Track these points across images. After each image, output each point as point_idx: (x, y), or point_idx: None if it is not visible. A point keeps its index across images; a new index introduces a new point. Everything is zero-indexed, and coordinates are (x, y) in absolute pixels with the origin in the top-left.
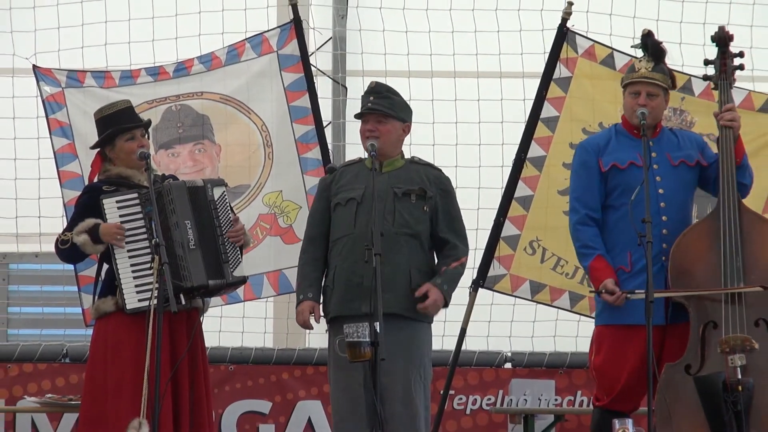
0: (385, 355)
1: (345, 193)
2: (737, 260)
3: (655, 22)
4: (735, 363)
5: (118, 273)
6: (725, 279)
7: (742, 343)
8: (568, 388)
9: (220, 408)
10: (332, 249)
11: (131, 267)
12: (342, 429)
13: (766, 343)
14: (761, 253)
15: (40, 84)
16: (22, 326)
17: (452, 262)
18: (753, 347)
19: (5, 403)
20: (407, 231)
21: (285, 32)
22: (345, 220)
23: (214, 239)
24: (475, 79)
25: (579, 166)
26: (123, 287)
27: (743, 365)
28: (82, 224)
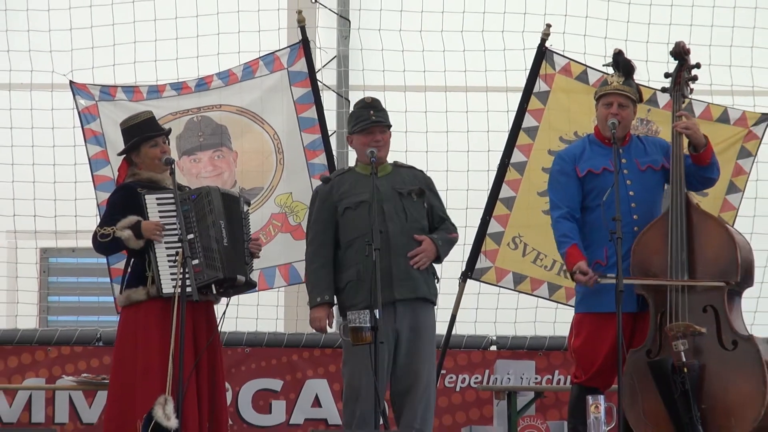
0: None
1: (351, 197)
2: (682, 254)
3: (624, 42)
4: (678, 348)
5: (156, 263)
6: (671, 271)
7: (685, 329)
8: (546, 368)
9: (237, 386)
10: (348, 249)
11: (167, 258)
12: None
13: (713, 327)
14: (706, 247)
15: (76, 98)
16: (60, 313)
17: (447, 234)
18: (700, 332)
19: (46, 381)
20: (418, 226)
21: (294, 51)
22: (359, 222)
23: (241, 242)
24: (464, 93)
25: (558, 173)
26: (160, 275)
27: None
28: (124, 221)
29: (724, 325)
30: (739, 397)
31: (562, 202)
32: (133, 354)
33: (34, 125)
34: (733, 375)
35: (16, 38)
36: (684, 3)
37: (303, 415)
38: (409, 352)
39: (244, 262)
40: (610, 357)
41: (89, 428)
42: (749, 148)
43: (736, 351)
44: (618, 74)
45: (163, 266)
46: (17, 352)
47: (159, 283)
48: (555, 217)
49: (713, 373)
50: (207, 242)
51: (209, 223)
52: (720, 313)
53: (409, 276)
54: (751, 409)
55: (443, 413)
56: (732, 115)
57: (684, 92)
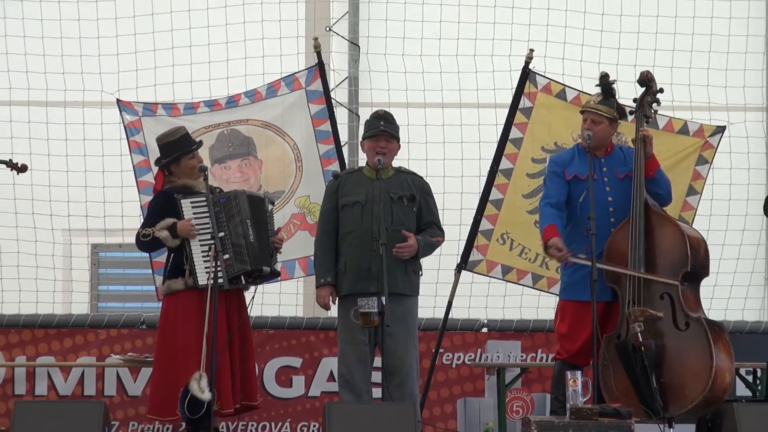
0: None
1: (350, 196)
2: (640, 250)
3: (597, 64)
4: (635, 329)
5: (192, 258)
6: (631, 265)
7: (641, 314)
8: (531, 347)
9: (262, 363)
10: (342, 241)
11: (201, 253)
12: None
13: (669, 311)
14: (661, 244)
15: (122, 113)
16: (109, 300)
17: (431, 237)
18: (658, 316)
19: (96, 359)
20: (403, 228)
21: (311, 73)
22: (352, 219)
23: (266, 238)
24: (458, 109)
25: (551, 173)
26: (195, 269)
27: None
28: (162, 223)
29: (678, 310)
30: (691, 372)
31: (552, 195)
32: (173, 336)
33: (86, 137)
34: (685, 352)
35: (70, 62)
36: (649, 30)
37: (319, 389)
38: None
39: (269, 255)
40: (589, 339)
41: (134, 400)
42: (706, 156)
43: (689, 331)
44: (598, 94)
45: (198, 261)
46: (71, 334)
47: (195, 275)
48: (542, 204)
49: (670, 351)
50: (236, 239)
51: (237, 222)
52: (675, 300)
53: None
54: (700, 380)
55: (441, 387)
56: (691, 128)
57: (647, 113)
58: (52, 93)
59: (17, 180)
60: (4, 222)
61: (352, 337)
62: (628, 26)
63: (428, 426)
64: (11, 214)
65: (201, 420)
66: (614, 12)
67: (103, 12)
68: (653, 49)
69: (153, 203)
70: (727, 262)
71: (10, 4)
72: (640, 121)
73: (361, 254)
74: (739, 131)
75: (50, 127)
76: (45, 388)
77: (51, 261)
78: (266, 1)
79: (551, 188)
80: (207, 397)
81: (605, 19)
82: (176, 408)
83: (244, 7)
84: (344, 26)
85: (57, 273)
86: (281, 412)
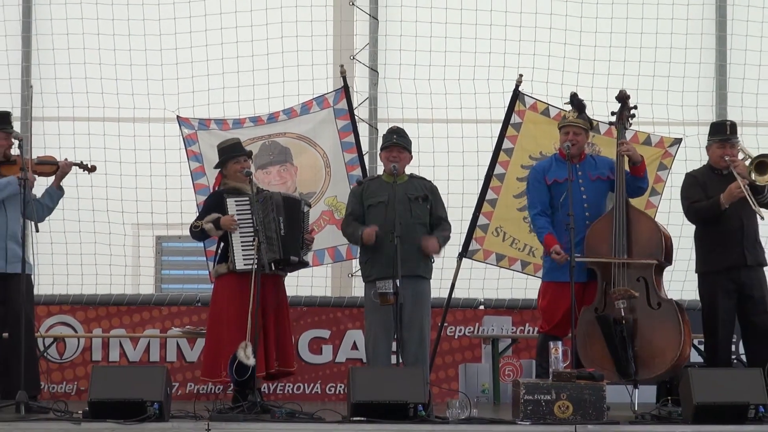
0: (403, 300)
1: (374, 198)
2: (623, 238)
3: (575, 86)
4: (620, 306)
5: (233, 248)
6: (615, 251)
7: (624, 293)
8: (520, 321)
9: (297, 335)
10: None
11: (240, 243)
12: (377, 344)
13: (644, 292)
14: (640, 234)
15: (181, 127)
16: (170, 283)
17: (443, 232)
18: (634, 295)
19: (159, 331)
20: (419, 221)
21: (338, 94)
22: (377, 216)
23: (298, 232)
24: (460, 124)
25: (533, 180)
26: (234, 256)
27: (626, 307)
28: (209, 217)
29: (652, 291)
30: (662, 343)
31: (537, 202)
32: (220, 312)
33: (151, 147)
34: (657, 327)
35: (138, 85)
36: (618, 58)
37: (345, 356)
38: (410, 311)
39: (299, 247)
40: (567, 314)
41: (191, 365)
42: (665, 163)
43: (660, 310)
44: (573, 111)
45: (237, 249)
46: (139, 311)
47: (233, 261)
48: (533, 215)
49: (643, 326)
50: (269, 232)
51: (271, 219)
52: (649, 282)
53: (407, 258)
54: (670, 351)
55: (445, 354)
56: (653, 140)
57: (625, 125)
58: (123, 111)
59: (94, 183)
60: (84, 218)
61: (377, 313)
62: (601, 55)
63: (435, 386)
64: (89, 211)
65: (246, 382)
66: (589, 43)
67: (166, 44)
68: (622, 74)
69: (206, 201)
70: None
71: (89, 38)
72: (620, 131)
73: (384, 245)
74: (693, 143)
75: (121, 139)
76: (117, 355)
77: (122, 250)
78: (301, 35)
79: (535, 196)
80: (251, 362)
81: (582, 49)
82: (225, 371)
83: (282, 40)
84: (365, 55)
85: (127, 260)
86: (313, 375)
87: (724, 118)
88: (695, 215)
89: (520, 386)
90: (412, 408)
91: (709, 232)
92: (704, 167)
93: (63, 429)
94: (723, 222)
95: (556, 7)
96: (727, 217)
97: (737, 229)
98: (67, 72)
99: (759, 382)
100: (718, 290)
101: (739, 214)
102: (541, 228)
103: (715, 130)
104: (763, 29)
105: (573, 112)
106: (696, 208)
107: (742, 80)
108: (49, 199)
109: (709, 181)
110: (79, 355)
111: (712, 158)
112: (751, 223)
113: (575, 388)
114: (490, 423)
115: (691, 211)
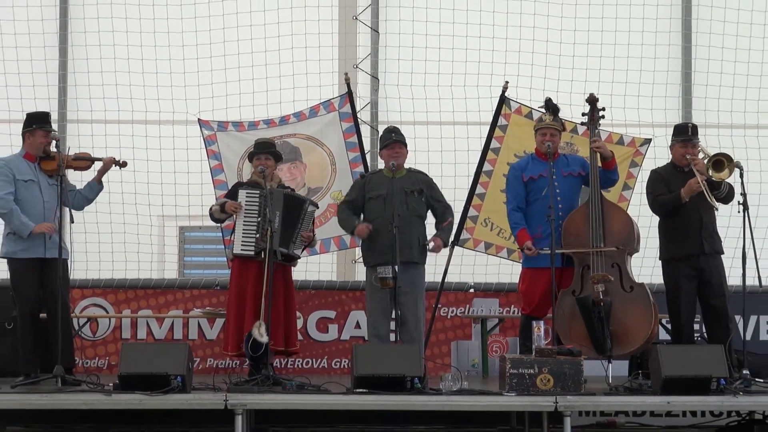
0: (401, 284)
1: (374, 191)
2: (599, 229)
3: (555, 93)
4: (599, 289)
5: (235, 234)
6: (592, 240)
7: (602, 278)
8: (506, 303)
9: (306, 315)
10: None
11: (242, 232)
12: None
13: (618, 277)
14: (613, 225)
15: (202, 129)
16: (192, 268)
17: (444, 222)
18: (610, 280)
19: (182, 312)
20: (415, 214)
21: (342, 99)
22: (377, 208)
23: (292, 228)
24: (452, 126)
25: (512, 178)
26: (234, 242)
27: (603, 290)
28: (218, 201)
29: (625, 276)
30: (635, 322)
31: (514, 198)
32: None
33: (175, 147)
34: (630, 308)
35: (163, 91)
36: (594, 67)
37: (349, 334)
38: (407, 293)
39: (290, 242)
40: (544, 296)
41: (210, 342)
42: (637, 161)
43: (633, 292)
44: (549, 114)
45: (237, 236)
46: (164, 293)
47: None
48: (509, 209)
49: (618, 307)
50: (265, 224)
51: (268, 213)
52: (622, 268)
53: (403, 246)
54: (642, 330)
55: (439, 332)
56: (626, 140)
57: (595, 125)
58: (150, 114)
59: (124, 179)
60: (115, 210)
61: (377, 296)
62: (579, 64)
63: (429, 362)
64: (120, 204)
65: (260, 358)
66: (568, 53)
67: (188, 54)
68: (597, 81)
69: (230, 190)
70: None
71: (119, 49)
72: (592, 130)
73: (383, 234)
74: (661, 142)
75: (148, 139)
76: (144, 333)
77: (149, 239)
78: (309, 46)
79: (513, 193)
80: (265, 340)
81: (561, 59)
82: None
83: (292, 50)
84: (367, 64)
85: (153, 248)
86: (320, 352)
87: (689, 121)
88: (659, 208)
89: (506, 361)
90: (409, 381)
91: (671, 223)
92: (668, 165)
93: (96, 399)
94: (683, 214)
95: (538, 21)
96: (687, 210)
97: (696, 221)
98: (99, 79)
99: (720, 358)
100: (681, 276)
101: (698, 207)
102: (515, 223)
103: (678, 131)
104: (725, 41)
105: (549, 115)
106: (660, 201)
107: (706, 86)
108: (89, 191)
109: (671, 177)
110: (110, 334)
111: (675, 156)
112: (709, 215)
113: (556, 363)
114: (480, 394)
115: (656, 204)
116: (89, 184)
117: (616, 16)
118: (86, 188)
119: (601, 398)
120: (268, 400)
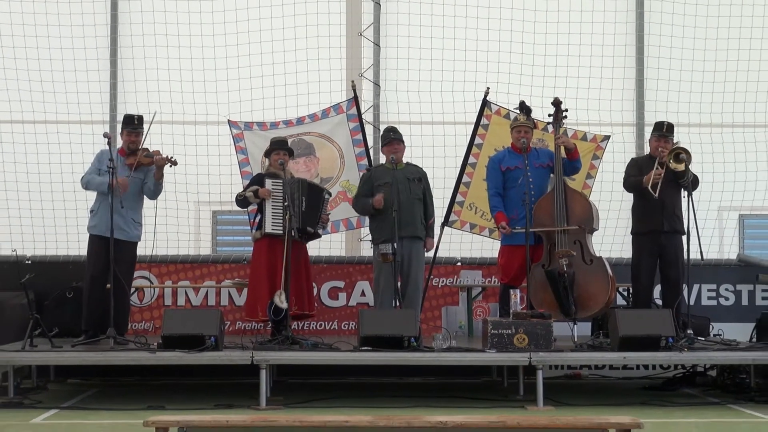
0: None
1: (380, 180)
2: (562, 211)
3: (529, 97)
4: (563, 263)
5: (265, 216)
6: (556, 220)
7: (566, 253)
8: (488, 275)
9: (319, 285)
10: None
11: (272, 213)
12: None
13: (579, 251)
14: (575, 207)
15: (231, 128)
16: (224, 246)
17: (429, 220)
18: (572, 254)
19: (216, 282)
20: (417, 197)
21: (350, 102)
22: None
23: (316, 212)
24: (442, 125)
25: (491, 169)
26: (265, 222)
27: (567, 263)
28: (250, 188)
29: (586, 251)
30: (595, 290)
31: (493, 186)
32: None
33: (208, 144)
34: (591, 278)
35: (199, 97)
36: (562, 75)
37: (355, 301)
38: (408, 265)
39: (315, 222)
40: (519, 269)
41: (239, 308)
42: (598, 154)
43: (593, 265)
44: (523, 114)
45: (268, 218)
46: (200, 267)
47: (265, 226)
48: (490, 195)
49: (580, 277)
50: (293, 208)
51: (296, 198)
52: (583, 244)
53: (408, 223)
54: (601, 296)
55: (432, 299)
56: (588, 136)
57: (560, 123)
58: (187, 116)
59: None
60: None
61: (382, 268)
62: (549, 72)
63: (424, 324)
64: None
65: (281, 321)
66: (539, 63)
67: (219, 65)
68: (565, 87)
69: (251, 180)
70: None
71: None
72: (557, 128)
73: (387, 215)
74: (618, 139)
75: (186, 138)
76: (183, 300)
77: (187, 221)
78: (322, 58)
79: (492, 181)
80: (285, 306)
81: (534, 68)
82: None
83: (307, 62)
84: (371, 73)
85: (191, 228)
86: (331, 316)
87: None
88: (628, 186)
89: (488, 323)
90: (406, 340)
91: (640, 203)
92: (646, 155)
93: (142, 357)
94: (649, 197)
95: (515, 37)
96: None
97: (659, 203)
98: (144, 87)
99: (669, 320)
100: (644, 248)
101: (662, 192)
102: (494, 207)
103: (656, 127)
104: (672, 52)
105: (523, 116)
106: (630, 181)
107: (656, 91)
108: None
109: (645, 164)
110: (155, 301)
111: (650, 148)
112: (672, 199)
113: (530, 324)
114: (466, 351)
115: (626, 183)
116: (150, 184)
117: (580, 32)
118: (151, 185)
119: (568, 354)
120: (287, 357)
